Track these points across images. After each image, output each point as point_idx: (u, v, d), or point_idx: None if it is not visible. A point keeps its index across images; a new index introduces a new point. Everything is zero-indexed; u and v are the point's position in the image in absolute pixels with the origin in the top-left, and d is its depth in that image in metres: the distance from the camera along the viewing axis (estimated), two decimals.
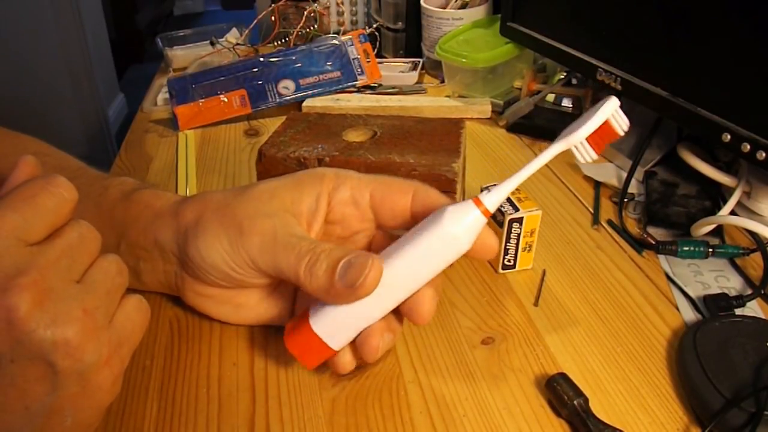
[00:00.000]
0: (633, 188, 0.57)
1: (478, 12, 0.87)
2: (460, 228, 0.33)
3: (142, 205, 0.41)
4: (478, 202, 0.34)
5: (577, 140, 0.34)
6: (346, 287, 0.33)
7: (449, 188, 0.44)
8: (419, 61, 0.92)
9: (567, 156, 0.34)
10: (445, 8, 0.88)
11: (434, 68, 0.90)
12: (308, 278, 0.34)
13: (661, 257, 0.49)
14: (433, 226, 0.34)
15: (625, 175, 0.59)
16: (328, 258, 0.34)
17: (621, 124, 0.34)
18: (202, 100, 0.78)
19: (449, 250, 0.34)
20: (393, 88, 0.85)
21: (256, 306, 0.40)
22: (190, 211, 0.39)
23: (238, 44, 0.99)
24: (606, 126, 0.34)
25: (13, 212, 0.27)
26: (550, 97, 0.77)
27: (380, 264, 0.33)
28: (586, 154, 0.34)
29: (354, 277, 0.32)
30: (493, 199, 0.34)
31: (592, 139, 0.34)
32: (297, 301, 0.40)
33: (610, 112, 0.34)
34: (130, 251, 0.41)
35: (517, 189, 0.48)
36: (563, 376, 0.36)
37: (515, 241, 0.46)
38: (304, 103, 0.79)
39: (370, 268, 0.32)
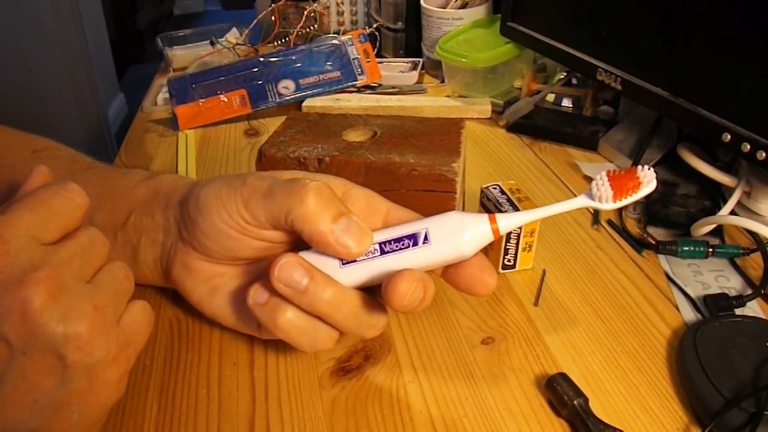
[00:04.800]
0: None
1: (478, 12, 0.87)
2: (470, 244, 0.34)
3: (168, 181, 0.43)
4: (492, 219, 0.34)
5: (600, 174, 0.35)
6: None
7: (449, 188, 0.44)
8: (419, 61, 0.92)
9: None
10: (445, 8, 0.88)
11: (434, 68, 0.90)
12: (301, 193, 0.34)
13: (661, 257, 0.49)
14: (449, 237, 0.34)
15: None
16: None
17: (647, 177, 0.34)
18: (202, 100, 0.78)
19: (451, 259, 0.35)
20: (393, 88, 0.85)
21: (230, 294, 0.40)
22: (208, 178, 0.40)
23: (238, 44, 1.00)
24: (633, 175, 0.34)
25: (29, 213, 0.28)
26: (550, 97, 0.77)
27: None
28: (604, 191, 0.35)
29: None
30: (506, 222, 0.35)
31: (614, 182, 0.35)
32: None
33: (646, 169, 0.34)
34: (136, 225, 0.41)
35: (517, 188, 0.48)
36: (563, 376, 0.36)
37: (515, 241, 0.46)
38: (304, 103, 0.79)
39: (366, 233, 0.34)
